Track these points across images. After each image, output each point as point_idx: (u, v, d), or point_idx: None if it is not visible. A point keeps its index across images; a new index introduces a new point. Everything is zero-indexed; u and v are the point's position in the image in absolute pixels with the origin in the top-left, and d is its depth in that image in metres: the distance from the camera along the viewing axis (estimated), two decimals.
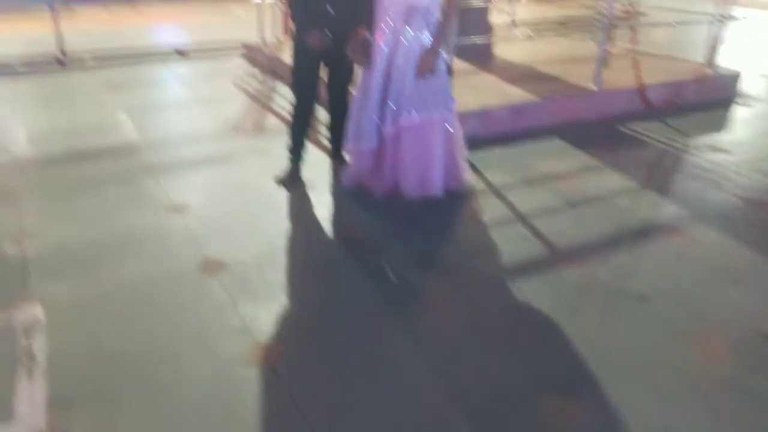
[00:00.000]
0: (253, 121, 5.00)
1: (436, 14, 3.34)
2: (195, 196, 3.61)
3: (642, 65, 5.40)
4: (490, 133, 4.57)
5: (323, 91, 3.75)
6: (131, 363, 2.20)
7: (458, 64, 5.98)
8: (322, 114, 4.37)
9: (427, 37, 3.33)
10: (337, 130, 3.86)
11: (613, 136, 4.87)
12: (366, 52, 3.42)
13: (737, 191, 3.85)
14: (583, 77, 5.42)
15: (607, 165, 4.22)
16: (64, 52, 7.02)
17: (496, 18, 8.68)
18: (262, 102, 5.65)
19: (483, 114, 4.59)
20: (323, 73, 3.65)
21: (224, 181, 3.86)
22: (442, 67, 3.46)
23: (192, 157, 4.21)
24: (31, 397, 2.02)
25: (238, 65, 7.11)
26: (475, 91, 4.98)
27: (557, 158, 4.34)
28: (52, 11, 7.02)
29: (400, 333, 2.41)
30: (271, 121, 5.09)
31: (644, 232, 3.31)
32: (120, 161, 4.14)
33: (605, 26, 5.24)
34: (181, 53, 7.60)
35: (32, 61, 6.90)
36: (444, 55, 3.46)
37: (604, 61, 5.27)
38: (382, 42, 3.35)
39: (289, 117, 3.79)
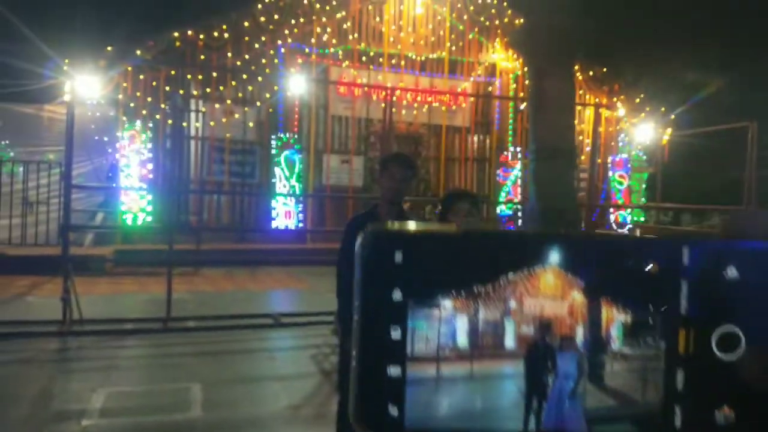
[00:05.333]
0: (317, 407, 4.92)
1: None
2: None
3: None
4: None
5: None
6: None
7: None
8: None
9: None
10: None
11: None
12: None
13: None
14: None
15: None
16: (170, 315, 7.57)
17: None
18: (334, 383, 5.61)
19: None
20: None
21: None
22: None
23: None
24: None
25: (325, 338, 7.28)
26: None
27: None
28: (167, 275, 7.77)
29: None
30: (335, 408, 4.98)
31: None
32: None
33: None
34: (276, 321, 7.96)
35: (141, 320, 7.48)
36: None
37: None
38: None
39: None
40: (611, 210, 15.58)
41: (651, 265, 0.37)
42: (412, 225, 0.40)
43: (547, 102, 6.59)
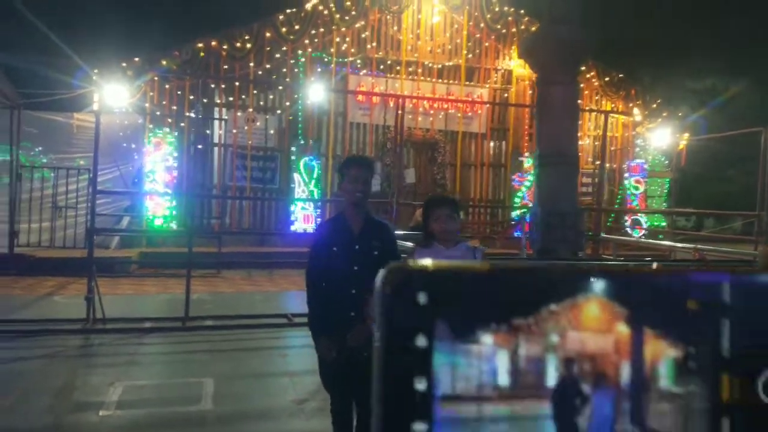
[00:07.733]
0: (321, 401, 5.15)
1: None
2: None
3: None
4: None
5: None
6: None
7: None
8: None
9: None
10: None
11: None
12: (365, 341, 3.17)
13: None
14: None
15: None
16: (188, 314, 7.89)
17: None
18: None
19: None
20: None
21: None
22: None
23: None
24: None
25: None
26: None
27: None
28: (186, 276, 8.08)
29: None
30: None
31: None
32: None
33: None
34: (290, 320, 8.24)
35: (160, 319, 7.82)
36: None
37: None
38: None
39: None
40: (626, 215, 15.59)
41: (690, 301, 0.35)
42: (436, 262, 0.37)
43: (552, 109, 6.75)
